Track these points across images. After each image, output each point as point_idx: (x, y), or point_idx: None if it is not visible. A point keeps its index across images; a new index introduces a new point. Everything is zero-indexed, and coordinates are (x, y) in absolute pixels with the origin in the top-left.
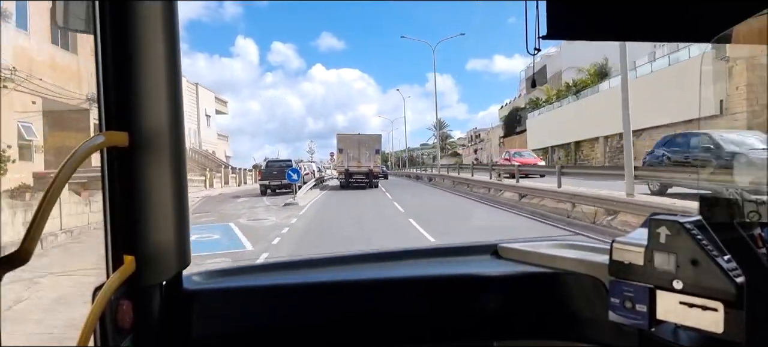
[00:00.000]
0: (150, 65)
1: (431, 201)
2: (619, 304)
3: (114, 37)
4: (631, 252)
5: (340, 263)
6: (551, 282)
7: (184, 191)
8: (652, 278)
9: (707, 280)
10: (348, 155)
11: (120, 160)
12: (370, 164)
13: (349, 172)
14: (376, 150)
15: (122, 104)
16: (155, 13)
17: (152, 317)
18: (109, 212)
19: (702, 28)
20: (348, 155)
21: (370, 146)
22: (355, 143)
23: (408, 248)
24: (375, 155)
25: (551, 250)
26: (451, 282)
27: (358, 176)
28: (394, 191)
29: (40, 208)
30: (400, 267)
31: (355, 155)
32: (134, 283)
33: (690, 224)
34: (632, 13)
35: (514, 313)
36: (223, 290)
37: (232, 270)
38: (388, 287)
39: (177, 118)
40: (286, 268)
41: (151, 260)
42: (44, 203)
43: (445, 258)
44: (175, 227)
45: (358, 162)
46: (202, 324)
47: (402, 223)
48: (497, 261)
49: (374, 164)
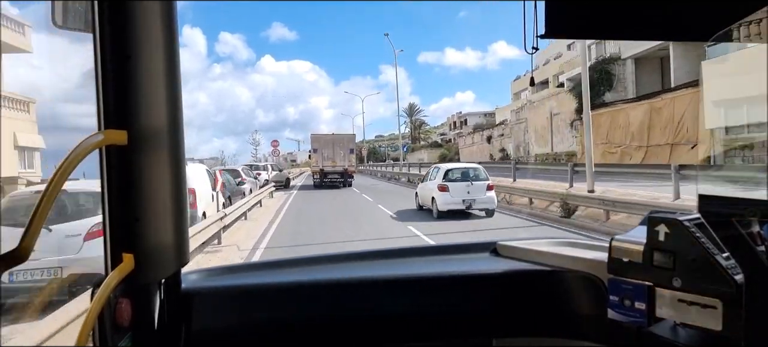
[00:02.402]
0: (149, 64)
1: None
2: (618, 302)
3: (113, 36)
4: (630, 250)
5: (338, 261)
6: (550, 280)
7: (183, 189)
8: (650, 276)
9: (706, 278)
10: (322, 154)
11: (119, 158)
12: (345, 163)
13: (324, 172)
14: (350, 150)
15: (121, 103)
16: (154, 12)
17: (151, 315)
18: (108, 210)
19: (700, 26)
20: (322, 155)
21: (344, 145)
22: (329, 142)
23: (407, 246)
24: (349, 155)
25: (550, 248)
26: (451, 280)
27: (332, 176)
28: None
29: (39, 206)
30: (399, 265)
31: (330, 155)
32: (133, 281)
33: (689, 222)
34: (630, 12)
35: (514, 311)
36: (221, 288)
37: (231, 269)
38: (388, 285)
39: (176, 116)
40: (284, 267)
41: (149, 258)
42: (43, 201)
43: (445, 256)
44: (173, 225)
45: (333, 162)
46: (200, 322)
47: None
48: (496, 259)
49: (349, 163)
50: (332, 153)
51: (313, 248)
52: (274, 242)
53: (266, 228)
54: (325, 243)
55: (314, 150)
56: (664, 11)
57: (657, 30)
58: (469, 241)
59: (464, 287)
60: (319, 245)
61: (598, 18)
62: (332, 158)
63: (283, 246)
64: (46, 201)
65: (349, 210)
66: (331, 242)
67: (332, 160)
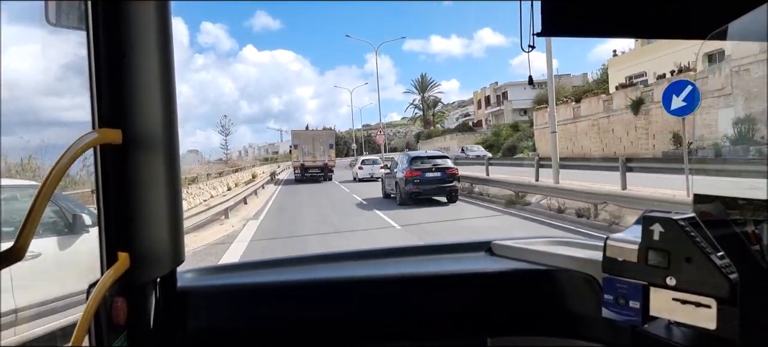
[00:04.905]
0: (143, 63)
1: None
2: (612, 301)
3: (107, 34)
4: (625, 249)
5: (333, 260)
6: (545, 279)
7: (178, 188)
8: (645, 275)
9: (701, 277)
10: (303, 150)
11: (114, 157)
12: (325, 158)
13: (305, 166)
14: (330, 145)
15: (116, 102)
16: (148, 11)
17: (146, 314)
18: (104, 208)
19: (697, 24)
20: (303, 151)
21: (323, 141)
22: (309, 138)
23: (402, 245)
24: (329, 150)
25: (545, 247)
26: (445, 279)
27: (313, 170)
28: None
29: (34, 205)
30: (394, 265)
31: (310, 150)
32: (128, 280)
33: (684, 221)
34: (627, 10)
35: (508, 310)
36: (216, 287)
37: (226, 267)
38: (383, 284)
39: (170, 115)
40: (279, 266)
41: (145, 257)
42: (38, 200)
43: (439, 256)
44: (169, 224)
45: (313, 157)
46: (196, 321)
47: None
48: (491, 258)
49: (329, 158)
50: (312, 149)
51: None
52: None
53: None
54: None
55: (295, 146)
56: (660, 9)
57: (653, 28)
58: (464, 240)
59: (459, 286)
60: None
61: (595, 16)
62: (313, 154)
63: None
64: (41, 201)
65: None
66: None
67: (313, 155)
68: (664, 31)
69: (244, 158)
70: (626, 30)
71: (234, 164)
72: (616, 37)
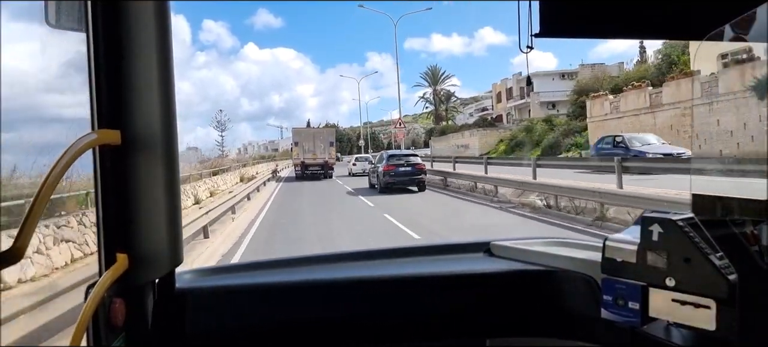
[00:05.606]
0: (142, 63)
1: None
2: (611, 302)
3: (106, 35)
4: (624, 250)
5: (332, 261)
6: (544, 280)
7: (177, 189)
8: (644, 275)
9: (699, 278)
10: (303, 147)
11: (113, 158)
12: (325, 156)
13: (305, 164)
14: (330, 143)
15: (114, 103)
16: (147, 12)
17: (145, 315)
18: (102, 209)
19: (694, 25)
20: (303, 148)
21: (324, 138)
22: (310, 136)
23: (401, 246)
24: (330, 147)
25: (544, 248)
26: (444, 280)
27: (313, 168)
28: None
29: (33, 206)
30: (392, 265)
31: (311, 148)
32: (127, 281)
33: (683, 221)
34: (626, 11)
35: (507, 311)
36: (215, 288)
37: (225, 268)
38: (381, 285)
39: (169, 116)
40: (278, 266)
41: (143, 258)
42: (37, 202)
43: (438, 256)
44: (167, 225)
45: (314, 154)
46: (195, 322)
47: None
48: (490, 259)
49: (329, 156)
50: (313, 146)
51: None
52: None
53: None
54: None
55: (296, 143)
56: (657, 10)
57: (651, 29)
58: (463, 241)
59: (458, 287)
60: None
61: (593, 17)
62: (313, 151)
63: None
64: (40, 201)
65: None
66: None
67: (313, 153)
68: (664, 32)
69: (243, 156)
70: (625, 31)
71: (214, 165)
72: (615, 38)
